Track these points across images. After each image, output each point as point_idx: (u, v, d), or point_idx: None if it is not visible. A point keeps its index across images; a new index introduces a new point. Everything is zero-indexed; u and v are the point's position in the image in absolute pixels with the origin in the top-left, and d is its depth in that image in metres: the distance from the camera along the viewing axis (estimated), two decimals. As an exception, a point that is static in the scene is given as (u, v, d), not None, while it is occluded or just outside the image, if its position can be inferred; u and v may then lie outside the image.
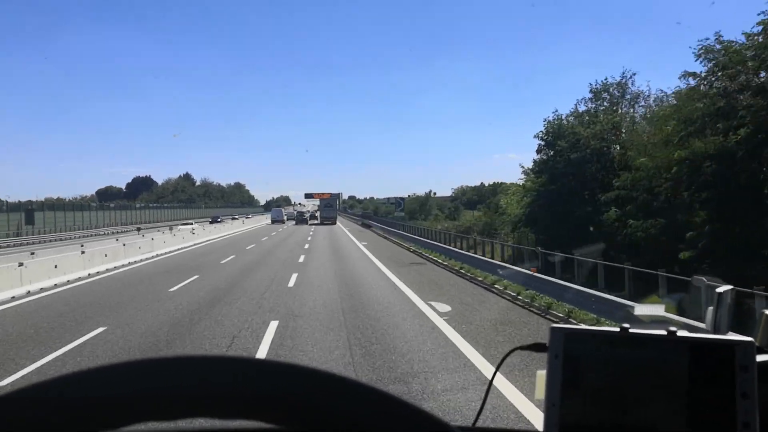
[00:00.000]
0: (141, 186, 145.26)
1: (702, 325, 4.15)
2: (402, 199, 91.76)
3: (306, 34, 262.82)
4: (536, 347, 1.07)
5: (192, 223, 62.60)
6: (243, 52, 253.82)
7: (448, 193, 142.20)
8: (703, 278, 8.16)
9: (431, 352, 8.77)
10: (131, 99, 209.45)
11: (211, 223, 68.13)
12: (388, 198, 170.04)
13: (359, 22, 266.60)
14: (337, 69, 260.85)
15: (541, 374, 1.02)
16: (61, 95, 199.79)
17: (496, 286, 16.01)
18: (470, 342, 9.29)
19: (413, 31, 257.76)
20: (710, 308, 1.53)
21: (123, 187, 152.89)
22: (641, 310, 6.24)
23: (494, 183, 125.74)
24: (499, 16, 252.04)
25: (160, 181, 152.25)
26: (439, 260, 24.14)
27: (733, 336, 0.97)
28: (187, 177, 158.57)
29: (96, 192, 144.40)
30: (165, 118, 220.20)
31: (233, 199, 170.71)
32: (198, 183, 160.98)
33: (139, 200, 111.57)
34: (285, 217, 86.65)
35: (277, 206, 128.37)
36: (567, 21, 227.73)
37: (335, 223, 73.07)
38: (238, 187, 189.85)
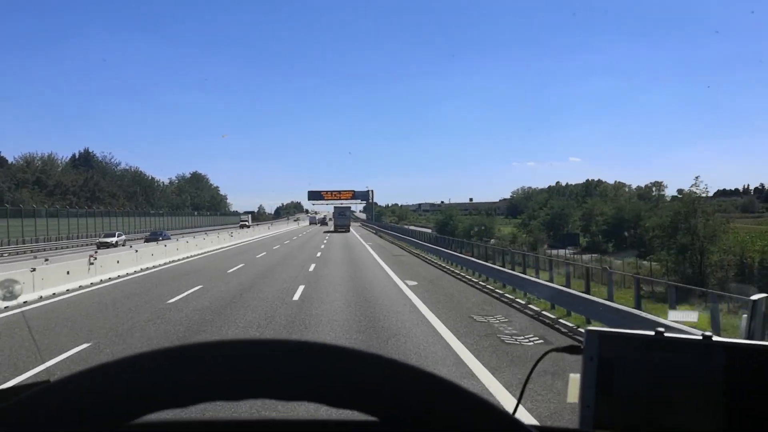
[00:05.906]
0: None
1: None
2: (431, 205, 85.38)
3: (324, 42, 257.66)
4: (571, 349, 1.06)
5: None
6: (262, 59, 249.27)
7: (483, 199, 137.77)
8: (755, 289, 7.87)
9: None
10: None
11: None
12: (420, 204, 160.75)
13: (376, 30, 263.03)
14: (351, 78, 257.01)
15: (575, 377, 1.02)
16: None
17: None
18: None
19: (432, 41, 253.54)
20: (744, 316, 1.53)
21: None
22: (675, 316, 6.09)
23: (567, 184, 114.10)
24: (516, 23, 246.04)
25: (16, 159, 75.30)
26: None
27: None
28: (85, 157, 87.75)
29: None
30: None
31: (158, 200, 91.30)
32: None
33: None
34: (317, 222, 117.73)
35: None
36: (584, 27, 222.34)
37: (349, 231, 75.23)
38: (194, 181, 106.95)
